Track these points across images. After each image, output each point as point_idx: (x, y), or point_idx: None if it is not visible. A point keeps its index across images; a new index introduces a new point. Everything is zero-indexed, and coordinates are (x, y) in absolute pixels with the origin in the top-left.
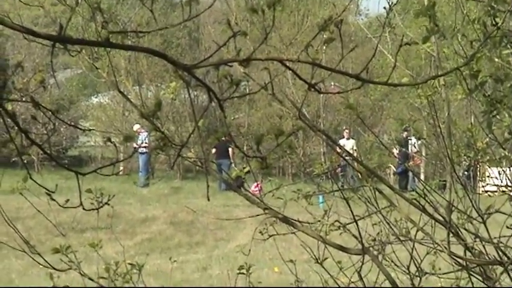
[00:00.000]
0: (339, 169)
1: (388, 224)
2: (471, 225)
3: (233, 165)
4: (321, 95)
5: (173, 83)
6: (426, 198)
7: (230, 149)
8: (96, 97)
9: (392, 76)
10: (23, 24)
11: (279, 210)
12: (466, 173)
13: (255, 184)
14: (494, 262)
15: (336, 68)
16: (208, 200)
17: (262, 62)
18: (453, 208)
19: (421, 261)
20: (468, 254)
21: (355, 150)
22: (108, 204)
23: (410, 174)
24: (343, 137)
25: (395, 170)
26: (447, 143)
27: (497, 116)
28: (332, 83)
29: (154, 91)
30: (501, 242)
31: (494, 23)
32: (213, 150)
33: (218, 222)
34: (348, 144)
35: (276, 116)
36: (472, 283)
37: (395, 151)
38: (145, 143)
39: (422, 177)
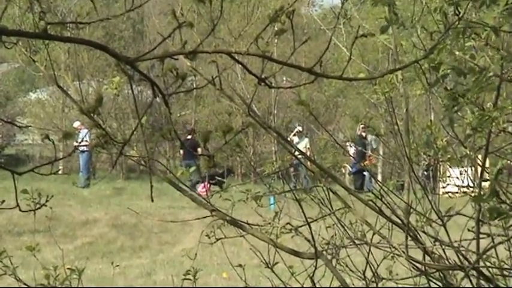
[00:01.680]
0: (291, 169)
1: (343, 226)
2: (430, 228)
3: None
4: (272, 90)
5: (116, 77)
6: (383, 200)
7: (199, 149)
8: (34, 93)
9: (347, 70)
10: None
11: (228, 212)
12: (425, 173)
13: (202, 185)
14: (455, 267)
15: (288, 61)
16: (152, 201)
17: (210, 55)
18: (411, 210)
19: (378, 266)
20: (427, 258)
21: (309, 148)
22: (46, 206)
23: (366, 174)
24: (295, 135)
25: (350, 169)
26: (405, 141)
27: (459, 113)
28: (284, 78)
29: (96, 86)
30: (462, 246)
31: (456, 12)
32: (181, 151)
33: (163, 224)
34: (301, 143)
35: (224, 113)
36: None
37: (351, 150)
38: (86, 141)
39: (379, 177)
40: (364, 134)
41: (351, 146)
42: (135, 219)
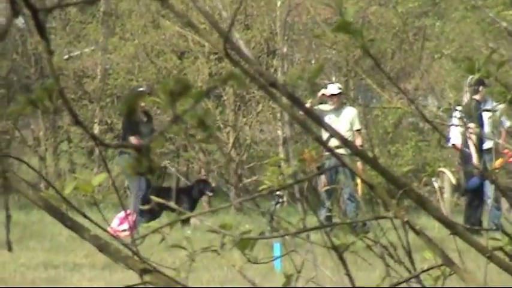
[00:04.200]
0: (322, 180)
1: None
2: None
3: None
4: (277, 5)
5: None
6: None
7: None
8: None
9: None
10: None
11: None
12: None
13: (121, 216)
14: None
15: None
16: (10, 250)
17: None
18: None
19: None
20: None
21: (359, 132)
22: None
23: (489, 189)
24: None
25: (458, 180)
26: None
27: None
28: None
29: None
30: None
31: None
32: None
33: None
34: (341, 119)
35: (172, 54)
36: None
37: (455, 137)
38: None
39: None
40: (480, 98)
41: (456, 127)
42: None
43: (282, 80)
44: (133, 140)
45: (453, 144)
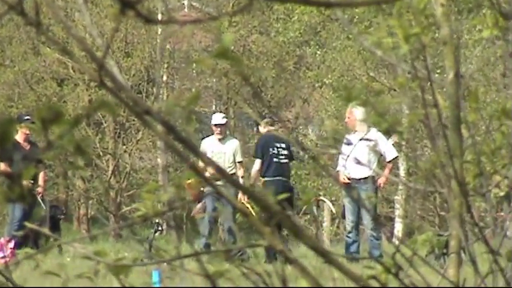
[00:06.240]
0: (201, 206)
1: None
2: None
3: None
4: (157, 32)
5: None
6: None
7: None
8: None
9: None
10: None
11: None
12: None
13: None
14: None
15: None
16: None
17: None
18: None
19: None
20: None
21: (241, 164)
22: None
23: (365, 218)
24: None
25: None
26: (453, 146)
27: None
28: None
29: None
30: None
31: None
32: None
33: None
34: (227, 146)
35: (50, 79)
36: None
37: (340, 165)
38: None
39: (398, 226)
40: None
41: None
42: None
43: (158, 108)
44: (2, 166)
45: (337, 171)
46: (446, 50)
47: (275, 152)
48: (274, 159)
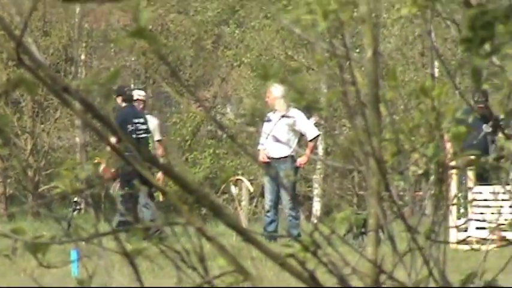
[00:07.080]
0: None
1: None
2: None
3: None
4: None
5: None
6: (319, 257)
7: None
8: None
9: None
10: None
11: None
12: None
13: None
14: None
15: None
16: None
17: None
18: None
19: None
20: None
21: (160, 141)
22: None
23: (284, 197)
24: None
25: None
26: (371, 123)
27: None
28: None
29: None
30: None
31: None
32: None
33: None
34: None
35: None
36: None
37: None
38: None
39: (317, 205)
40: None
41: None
42: None
43: (76, 86)
44: None
45: (258, 150)
46: (364, 28)
47: (133, 128)
48: (133, 136)
